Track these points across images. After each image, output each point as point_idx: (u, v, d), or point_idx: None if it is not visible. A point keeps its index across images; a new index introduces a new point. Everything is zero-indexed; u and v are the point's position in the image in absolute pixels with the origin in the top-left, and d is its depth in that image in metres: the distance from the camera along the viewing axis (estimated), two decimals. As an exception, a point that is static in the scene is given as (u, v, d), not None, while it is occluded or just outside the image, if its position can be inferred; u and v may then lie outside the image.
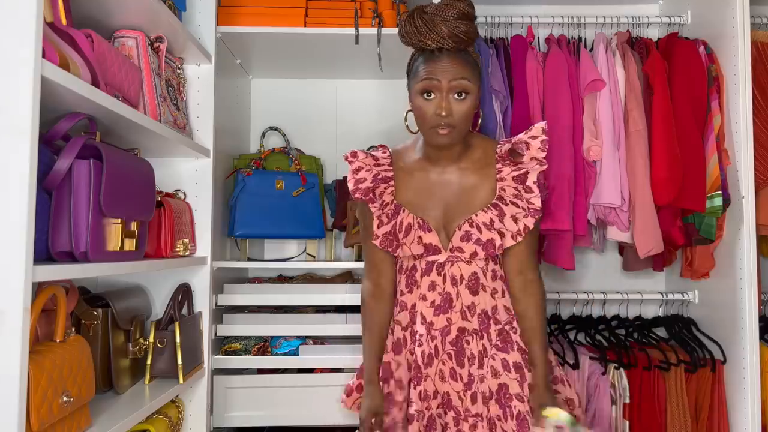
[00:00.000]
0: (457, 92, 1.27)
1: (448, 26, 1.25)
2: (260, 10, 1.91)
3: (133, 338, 1.55)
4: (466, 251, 1.36)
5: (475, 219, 1.36)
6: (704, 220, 1.91)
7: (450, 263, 1.38)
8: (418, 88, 1.29)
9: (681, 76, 1.93)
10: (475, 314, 1.37)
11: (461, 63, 1.27)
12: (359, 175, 1.40)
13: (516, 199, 1.36)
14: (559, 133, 1.90)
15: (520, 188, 1.37)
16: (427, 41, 1.26)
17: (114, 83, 1.30)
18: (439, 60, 1.26)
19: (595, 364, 1.91)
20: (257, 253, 2.26)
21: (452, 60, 1.26)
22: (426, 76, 1.27)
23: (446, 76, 1.25)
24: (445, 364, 1.37)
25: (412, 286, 1.42)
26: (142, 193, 1.38)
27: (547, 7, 2.26)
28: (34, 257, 0.93)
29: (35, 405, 0.97)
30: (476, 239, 1.35)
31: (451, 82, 1.25)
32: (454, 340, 1.37)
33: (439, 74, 1.25)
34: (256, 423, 1.87)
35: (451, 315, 1.37)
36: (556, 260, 1.92)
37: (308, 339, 1.90)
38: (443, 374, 1.37)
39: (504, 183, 1.37)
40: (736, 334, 1.89)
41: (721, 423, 1.92)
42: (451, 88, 1.26)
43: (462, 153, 1.39)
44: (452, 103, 1.26)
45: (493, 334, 1.38)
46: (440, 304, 1.37)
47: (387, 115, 2.37)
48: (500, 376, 1.35)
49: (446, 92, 1.26)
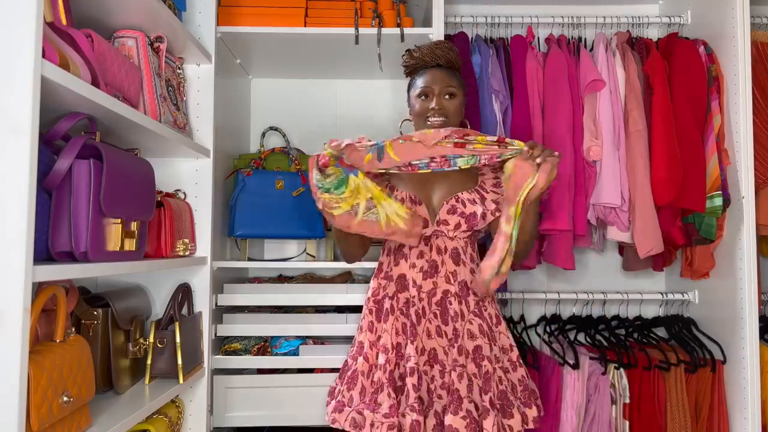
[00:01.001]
0: (447, 94, 1.58)
1: (441, 51, 1.61)
2: (260, 10, 1.91)
3: (133, 338, 1.55)
4: (451, 223, 1.54)
5: (460, 196, 1.57)
6: (704, 220, 1.91)
7: (435, 236, 1.57)
8: (416, 95, 1.60)
9: (681, 76, 1.93)
10: (456, 280, 1.55)
11: (450, 75, 1.60)
12: None
13: (494, 188, 1.59)
14: (558, 133, 1.90)
15: (499, 174, 1.58)
16: (426, 60, 1.61)
17: (114, 83, 1.30)
18: (434, 73, 1.59)
19: (595, 364, 1.91)
20: (257, 253, 2.26)
21: (443, 73, 1.59)
22: (423, 85, 1.59)
23: (439, 85, 1.58)
24: (431, 323, 1.53)
25: (399, 260, 1.58)
26: (142, 193, 1.38)
27: (547, 7, 2.26)
28: (34, 257, 0.94)
29: (35, 405, 0.97)
30: (460, 212, 1.55)
31: (442, 88, 1.58)
32: (439, 301, 1.54)
33: (433, 83, 1.58)
34: (256, 423, 1.87)
35: (436, 279, 1.55)
36: (556, 260, 1.92)
37: (308, 339, 1.90)
38: (430, 332, 1.53)
39: (484, 177, 1.61)
40: (736, 334, 1.89)
41: (721, 423, 1.92)
42: (442, 92, 1.58)
43: None
44: (443, 101, 1.58)
45: (471, 302, 1.55)
46: (427, 270, 1.55)
47: (387, 115, 2.37)
48: (476, 338, 1.52)
49: (438, 94, 1.57)
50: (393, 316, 1.54)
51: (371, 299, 1.60)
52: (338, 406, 1.52)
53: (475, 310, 1.55)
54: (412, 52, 1.63)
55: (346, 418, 1.48)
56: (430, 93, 1.57)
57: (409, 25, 1.93)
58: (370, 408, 1.46)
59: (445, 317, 1.52)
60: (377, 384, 1.49)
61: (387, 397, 1.44)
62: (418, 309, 1.53)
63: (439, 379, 1.50)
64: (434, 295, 1.53)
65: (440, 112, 1.56)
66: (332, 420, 1.51)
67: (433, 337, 1.52)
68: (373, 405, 1.46)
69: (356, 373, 1.54)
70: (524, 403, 1.52)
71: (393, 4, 1.94)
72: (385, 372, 1.48)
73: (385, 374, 1.48)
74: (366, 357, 1.54)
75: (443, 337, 1.52)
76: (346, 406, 1.50)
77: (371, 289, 1.62)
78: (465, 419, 1.41)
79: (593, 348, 2.04)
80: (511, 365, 1.56)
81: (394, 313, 1.54)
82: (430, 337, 1.52)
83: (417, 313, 1.53)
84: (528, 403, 1.52)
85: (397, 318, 1.54)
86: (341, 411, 1.50)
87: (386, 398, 1.44)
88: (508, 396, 1.49)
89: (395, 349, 1.51)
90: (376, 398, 1.47)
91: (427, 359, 1.51)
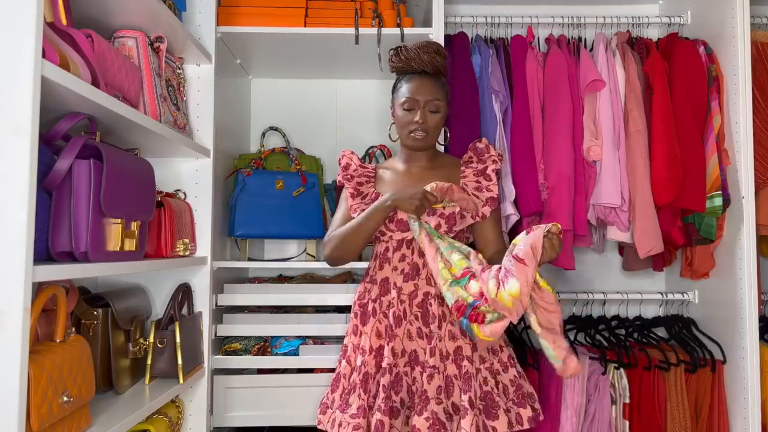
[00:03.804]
0: (431, 110, 1.58)
1: (428, 57, 1.58)
2: (260, 10, 1.91)
3: (133, 338, 1.55)
4: (431, 224, 1.55)
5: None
6: (704, 220, 1.91)
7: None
8: (401, 103, 1.59)
9: (681, 76, 1.93)
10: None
11: (436, 86, 1.58)
12: (348, 172, 1.71)
13: (476, 192, 1.61)
14: (558, 133, 1.90)
15: (480, 179, 1.62)
16: (412, 65, 1.59)
17: (114, 83, 1.30)
18: (420, 82, 1.58)
19: (595, 364, 1.91)
20: (257, 253, 2.26)
21: (429, 83, 1.58)
22: (408, 95, 1.58)
23: (424, 96, 1.57)
24: (412, 324, 1.54)
25: (384, 264, 1.60)
26: (142, 193, 1.38)
27: (547, 7, 2.26)
28: (34, 257, 0.94)
29: (35, 405, 0.97)
30: (440, 213, 1.56)
31: (428, 101, 1.57)
32: (420, 303, 1.55)
33: (418, 94, 1.57)
34: (256, 423, 1.87)
35: (417, 281, 1.56)
36: (556, 260, 1.92)
37: (308, 339, 1.90)
38: (411, 333, 1.54)
39: (466, 179, 1.63)
40: (736, 334, 1.89)
41: (721, 423, 1.92)
42: (426, 104, 1.57)
43: (433, 160, 1.67)
44: (427, 116, 1.58)
45: None
46: (409, 272, 1.57)
47: (387, 115, 2.36)
48: (457, 339, 1.52)
49: (423, 107, 1.57)
50: (375, 318, 1.56)
51: (357, 303, 1.63)
52: (323, 408, 1.59)
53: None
54: (400, 53, 1.61)
55: (329, 419, 1.54)
56: (415, 105, 1.57)
57: (409, 25, 1.93)
58: (341, 408, 1.51)
59: (426, 319, 1.53)
60: (351, 385, 1.53)
61: (357, 398, 1.48)
62: (398, 311, 1.54)
63: (419, 380, 1.50)
64: (415, 297, 1.55)
65: (423, 126, 1.57)
66: (318, 421, 1.59)
67: (414, 339, 1.53)
68: (344, 406, 1.51)
69: (339, 375, 1.59)
70: (517, 403, 1.50)
71: (393, 4, 1.94)
72: (360, 373, 1.51)
73: (359, 375, 1.51)
74: (348, 360, 1.58)
75: (424, 339, 1.52)
76: (329, 408, 1.56)
77: (357, 293, 1.65)
78: (428, 420, 1.41)
79: (593, 348, 2.04)
80: (502, 366, 1.54)
81: (376, 316, 1.56)
82: (411, 339, 1.53)
83: (396, 315, 1.54)
84: (521, 404, 1.50)
85: (380, 320, 1.56)
86: (324, 413, 1.57)
87: (356, 399, 1.48)
88: (494, 397, 1.47)
89: (375, 351, 1.53)
90: (347, 399, 1.51)
91: (407, 360, 1.52)
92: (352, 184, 1.67)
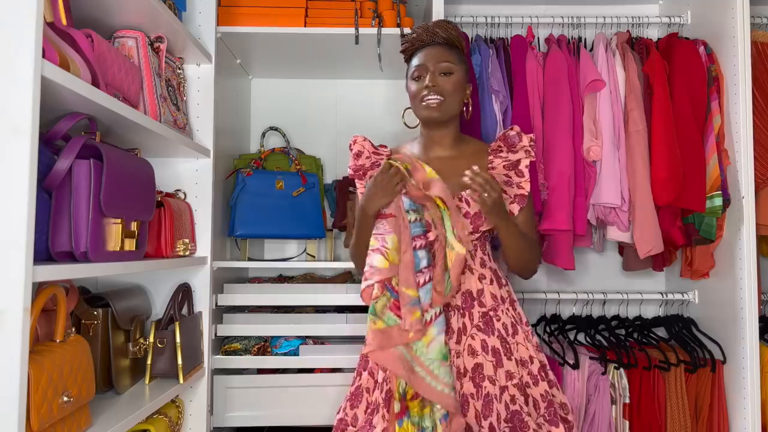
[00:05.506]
0: (442, 72, 1.44)
1: (438, 28, 1.48)
2: (260, 10, 1.91)
3: (133, 338, 1.55)
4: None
5: (464, 195, 1.43)
6: (704, 220, 1.91)
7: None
8: (410, 74, 1.48)
9: (681, 76, 1.93)
10: (460, 292, 1.42)
11: (446, 50, 1.46)
12: (359, 162, 1.54)
13: (506, 186, 1.48)
14: (558, 133, 1.90)
15: (511, 174, 1.48)
16: (423, 37, 1.49)
17: (114, 83, 1.30)
18: (428, 50, 1.47)
19: (595, 364, 1.91)
20: (257, 253, 2.26)
21: (438, 49, 1.46)
22: (416, 63, 1.47)
23: (432, 61, 1.44)
24: None
25: None
26: (142, 193, 1.38)
27: (547, 7, 2.26)
28: (34, 257, 0.94)
29: (35, 405, 0.97)
30: (465, 212, 1.43)
31: (437, 64, 1.44)
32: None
33: (426, 60, 1.45)
34: (256, 423, 1.87)
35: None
36: (556, 260, 1.92)
37: (308, 339, 1.90)
38: None
39: (494, 171, 1.49)
40: (736, 334, 1.89)
41: (721, 423, 1.92)
42: (436, 69, 1.44)
43: (454, 145, 1.52)
44: (438, 79, 1.44)
45: (475, 315, 1.42)
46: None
47: (387, 115, 2.37)
48: (477, 355, 1.39)
49: (433, 71, 1.44)
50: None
51: None
52: (340, 425, 1.45)
53: (479, 324, 1.41)
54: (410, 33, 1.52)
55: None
56: (423, 71, 1.44)
57: (409, 25, 1.93)
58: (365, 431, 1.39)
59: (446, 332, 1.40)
60: (374, 405, 1.40)
61: (381, 419, 1.35)
62: None
63: None
64: None
65: (435, 90, 1.42)
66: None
67: None
68: (368, 427, 1.39)
69: (360, 389, 1.45)
70: (549, 420, 1.38)
71: (393, 4, 1.94)
72: (382, 392, 1.38)
73: (382, 394, 1.38)
74: (371, 372, 1.45)
75: None
76: (350, 426, 1.43)
77: None
78: None
79: (593, 348, 2.04)
80: (532, 379, 1.41)
81: None
82: None
83: None
84: (553, 421, 1.38)
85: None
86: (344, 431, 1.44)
87: (380, 421, 1.35)
88: (523, 417, 1.35)
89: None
90: (371, 420, 1.39)
91: None
92: (365, 178, 1.52)
